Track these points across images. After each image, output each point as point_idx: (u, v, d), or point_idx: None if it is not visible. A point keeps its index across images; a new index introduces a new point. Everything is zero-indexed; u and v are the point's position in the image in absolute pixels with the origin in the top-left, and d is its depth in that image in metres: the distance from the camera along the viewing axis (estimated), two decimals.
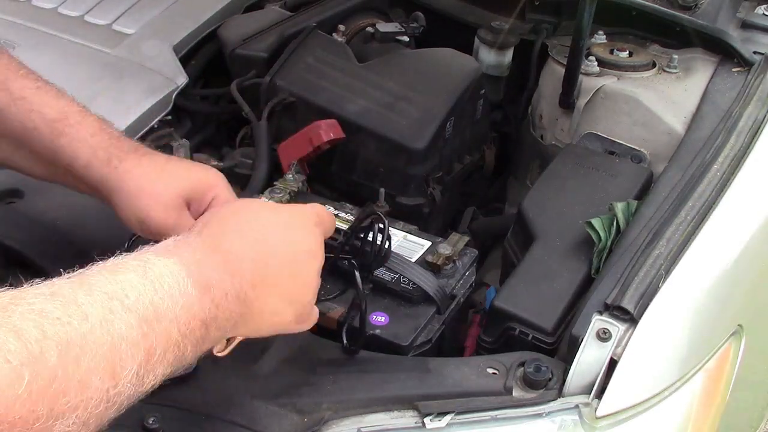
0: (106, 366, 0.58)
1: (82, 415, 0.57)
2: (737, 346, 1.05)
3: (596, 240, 1.08)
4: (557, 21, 1.66)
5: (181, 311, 0.66)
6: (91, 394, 0.57)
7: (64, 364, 0.55)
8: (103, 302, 0.61)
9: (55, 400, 0.54)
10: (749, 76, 1.37)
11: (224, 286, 0.71)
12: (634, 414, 0.88)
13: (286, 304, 0.80)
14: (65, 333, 0.56)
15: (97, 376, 0.57)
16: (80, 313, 0.58)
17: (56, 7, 1.55)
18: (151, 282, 0.65)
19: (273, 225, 0.81)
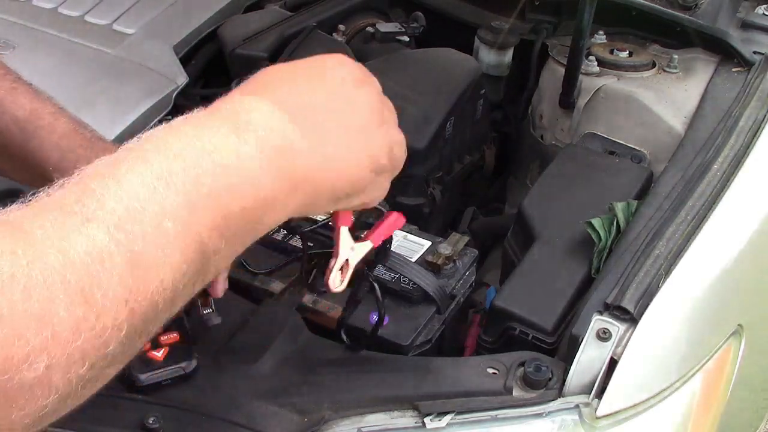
0: (71, 290, 0.50)
1: (56, 355, 0.49)
2: (737, 346, 1.05)
3: (596, 240, 1.08)
4: (557, 21, 1.66)
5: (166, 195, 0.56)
6: (59, 328, 0.49)
7: (9, 301, 0.47)
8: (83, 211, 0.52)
9: (9, 346, 0.47)
10: (749, 76, 1.37)
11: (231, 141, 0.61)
12: (634, 414, 0.88)
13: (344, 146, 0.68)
14: (7, 265, 0.48)
15: (65, 309, 0.49)
16: (27, 240, 0.50)
17: (56, 7, 1.55)
18: (115, 180, 0.55)
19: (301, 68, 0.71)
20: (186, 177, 0.57)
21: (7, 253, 0.48)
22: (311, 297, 1.06)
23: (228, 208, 0.58)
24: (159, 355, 0.87)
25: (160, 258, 0.54)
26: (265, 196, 0.61)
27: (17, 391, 0.48)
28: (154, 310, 0.55)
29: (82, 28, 1.50)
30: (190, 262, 0.56)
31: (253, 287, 1.08)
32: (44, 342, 0.48)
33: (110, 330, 0.52)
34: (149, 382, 0.85)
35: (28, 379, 0.48)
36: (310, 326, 0.99)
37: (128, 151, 0.58)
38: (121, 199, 0.54)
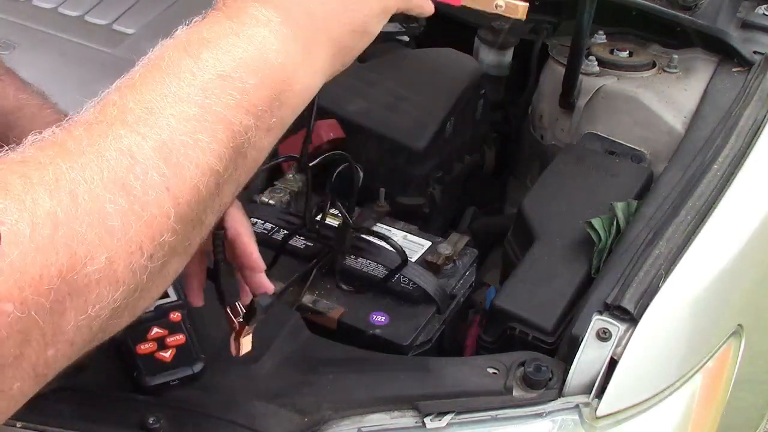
0: (113, 188, 0.53)
1: (113, 247, 0.52)
2: (737, 346, 1.05)
3: (596, 240, 1.08)
4: (557, 21, 1.66)
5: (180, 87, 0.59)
6: (110, 221, 0.52)
7: (60, 204, 0.50)
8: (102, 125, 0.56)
9: (70, 244, 0.50)
10: (749, 76, 1.36)
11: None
12: (634, 414, 0.88)
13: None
14: (51, 173, 0.51)
15: (110, 203, 0.52)
16: (64, 150, 0.53)
17: (56, 7, 1.55)
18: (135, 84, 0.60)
19: None
20: (194, 66, 0.59)
21: (47, 163, 0.51)
22: (311, 297, 1.06)
23: (244, 82, 0.60)
24: (167, 356, 0.87)
25: (189, 143, 0.56)
26: (281, 62, 0.62)
27: (86, 287, 0.51)
28: (198, 196, 0.57)
29: (82, 28, 1.50)
30: (222, 143, 0.58)
31: None
32: (99, 236, 0.51)
33: (158, 218, 0.54)
34: (158, 383, 0.85)
35: (93, 273, 0.51)
36: (310, 326, 0.99)
37: (139, 65, 0.61)
38: (139, 100, 0.57)
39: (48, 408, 0.81)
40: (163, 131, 0.56)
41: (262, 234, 1.14)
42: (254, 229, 1.15)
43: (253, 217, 1.16)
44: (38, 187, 0.50)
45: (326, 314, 1.04)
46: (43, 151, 0.53)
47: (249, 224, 0.87)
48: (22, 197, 0.49)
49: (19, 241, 0.48)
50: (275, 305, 1.03)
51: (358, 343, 0.99)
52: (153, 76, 0.59)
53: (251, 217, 1.16)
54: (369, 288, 1.08)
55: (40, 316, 0.49)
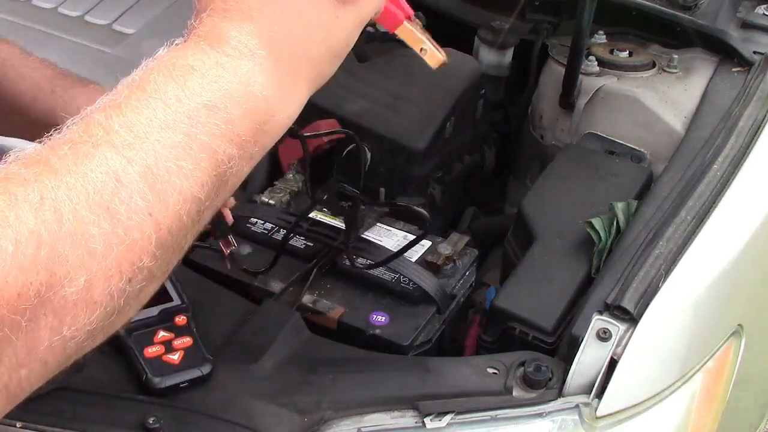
0: (98, 209, 0.53)
1: (93, 270, 0.52)
2: (737, 346, 1.05)
3: (596, 240, 1.08)
4: (557, 21, 1.66)
5: (166, 113, 0.59)
6: (93, 244, 0.52)
7: (43, 222, 0.50)
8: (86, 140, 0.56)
9: (51, 264, 0.50)
10: (749, 76, 1.36)
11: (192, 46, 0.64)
12: (634, 414, 0.88)
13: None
14: (35, 191, 0.51)
15: (94, 225, 0.53)
16: (49, 169, 0.53)
17: (56, 7, 1.55)
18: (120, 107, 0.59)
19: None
20: (181, 93, 0.59)
21: (32, 181, 0.51)
22: (311, 297, 1.06)
23: (229, 113, 0.61)
24: (175, 359, 0.87)
25: (174, 169, 0.57)
26: (264, 94, 0.63)
27: (63, 308, 0.51)
28: (179, 223, 0.58)
29: (82, 28, 1.50)
30: (205, 171, 0.59)
31: (253, 287, 1.08)
32: (81, 258, 0.51)
33: (140, 242, 0.55)
34: (167, 385, 0.85)
35: (71, 294, 0.51)
36: (310, 326, 0.99)
37: (123, 85, 0.60)
38: (125, 123, 0.57)
39: (48, 408, 0.81)
40: (149, 156, 0.56)
41: (262, 234, 1.14)
42: (254, 229, 1.15)
43: (253, 218, 1.16)
44: (23, 204, 0.50)
45: (326, 314, 1.04)
46: (28, 168, 0.53)
47: None
48: (6, 214, 0.49)
49: (1, 258, 0.48)
50: (275, 305, 1.03)
51: (358, 343, 0.99)
52: (138, 98, 0.59)
53: (251, 217, 1.16)
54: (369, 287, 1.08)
55: (14, 334, 0.49)
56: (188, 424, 0.83)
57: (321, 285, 1.09)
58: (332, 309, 1.04)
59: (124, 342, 0.88)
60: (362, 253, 1.10)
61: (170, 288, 0.95)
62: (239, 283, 1.08)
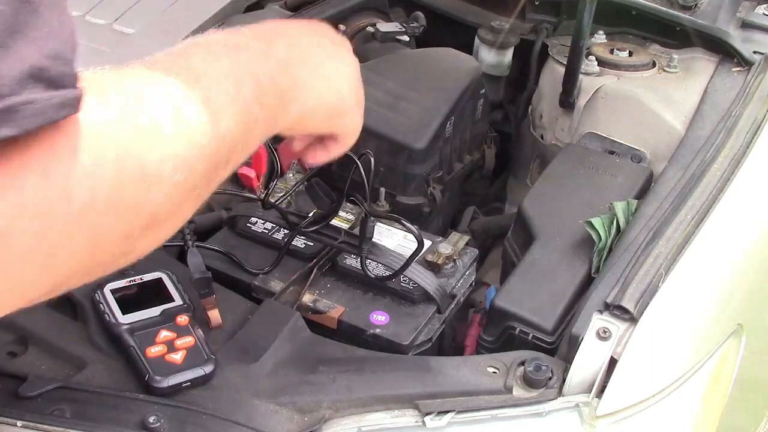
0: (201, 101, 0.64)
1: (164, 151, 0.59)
2: (737, 346, 1.05)
3: (596, 239, 1.08)
4: (557, 21, 1.66)
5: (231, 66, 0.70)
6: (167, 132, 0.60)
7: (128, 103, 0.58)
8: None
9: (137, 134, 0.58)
10: (749, 76, 1.37)
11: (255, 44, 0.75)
12: (634, 413, 0.88)
13: (334, 71, 0.83)
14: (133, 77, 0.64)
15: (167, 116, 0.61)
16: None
17: None
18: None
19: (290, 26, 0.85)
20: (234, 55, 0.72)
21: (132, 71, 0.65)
22: (311, 297, 1.06)
23: (261, 81, 0.72)
24: (178, 358, 0.87)
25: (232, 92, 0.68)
26: (281, 81, 0.75)
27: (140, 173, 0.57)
28: (246, 133, 0.69)
29: (82, 28, 1.50)
30: (251, 110, 0.70)
31: (253, 287, 1.08)
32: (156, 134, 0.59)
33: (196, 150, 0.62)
34: (170, 385, 0.85)
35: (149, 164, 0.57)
36: (310, 326, 0.99)
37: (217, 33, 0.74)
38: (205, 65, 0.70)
39: (48, 408, 0.81)
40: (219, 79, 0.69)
41: (262, 234, 1.14)
42: (254, 229, 1.15)
43: (253, 217, 1.17)
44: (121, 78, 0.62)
45: (326, 314, 1.04)
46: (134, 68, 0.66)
47: None
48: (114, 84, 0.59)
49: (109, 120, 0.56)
50: (275, 305, 1.03)
51: (358, 342, 0.99)
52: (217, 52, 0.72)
53: (251, 217, 1.16)
54: (370, 286, 1.08)
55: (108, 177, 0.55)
56: (188, 424, 0.83)
57: (321, 285, 1.09)
58: (332, 309, 1.04)
59: (126, 342, 0.89)
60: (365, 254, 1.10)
61: (172, 288, 0.95)
62: (239, 283, 1.08)
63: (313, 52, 0.82)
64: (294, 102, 0.77)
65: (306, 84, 0.79)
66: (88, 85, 0.52)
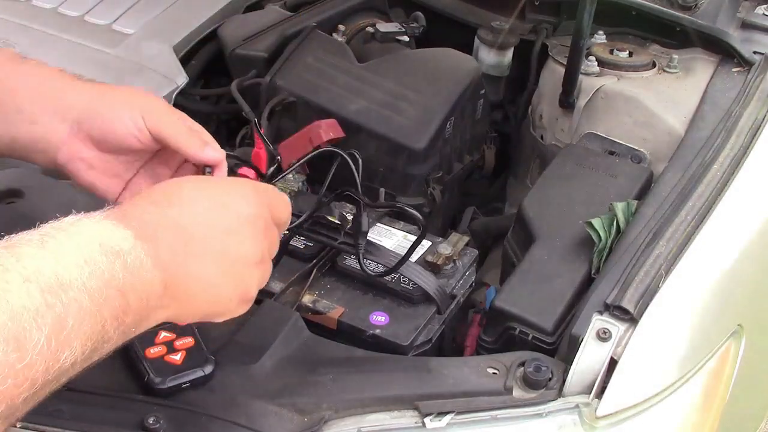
0: (8, 335, 0.55)
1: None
2: (737, 346, 1.05)
3: (596, 240, 1.08)
4: (557, 21, 1.66)
5: (90, 279, 0.62)
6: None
7: None
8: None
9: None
10: (749, 76, 1.37)
11: (136, 252, 0.67)
12: (634, 414, 0.88)
13: (219, 274, 0.74)
14: None
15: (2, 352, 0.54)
16: None
17: (56, 7, 1.55)
18: (51, 253, 0.62)
19: (202, 193, 0.77)
20: (106, 267, 0.64)
21: None
22: (311, 297, 1.06)
23: (129, 304, 0.66)
24: (177, 359, 0.87)
25: (77, 327, 0.60)
26: (153, 305, 0.69)
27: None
28: (57, 373, 0.60)
29: (82, 28, 1.50)
30: (94, 339, 0.63)
31: None
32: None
33: (28, 382, 0.56)
34: (170, 385, 0.85)
35: None
36: (310, 326, 0.99)
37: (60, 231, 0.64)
38: (55, 270, 0.60)
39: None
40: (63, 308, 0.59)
41: None
42: None
43: None
44: None
45: (326, 314, 1.04)
46: None
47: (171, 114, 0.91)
48: None
49: None
50: (275, 305, 1.03)
51: (358, 343, 0.99)
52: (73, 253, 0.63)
53: None
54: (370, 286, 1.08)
55: None
56: (188, 424, 0.83)
57: (321, 285, 1.09)
58: (332, 309, 1.04)
59: (125, 342, 0.88)
60: (364, 254, 1.10)
61: None
62: None
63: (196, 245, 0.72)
64: (156, 317, 0.71)
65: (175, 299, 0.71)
66: None
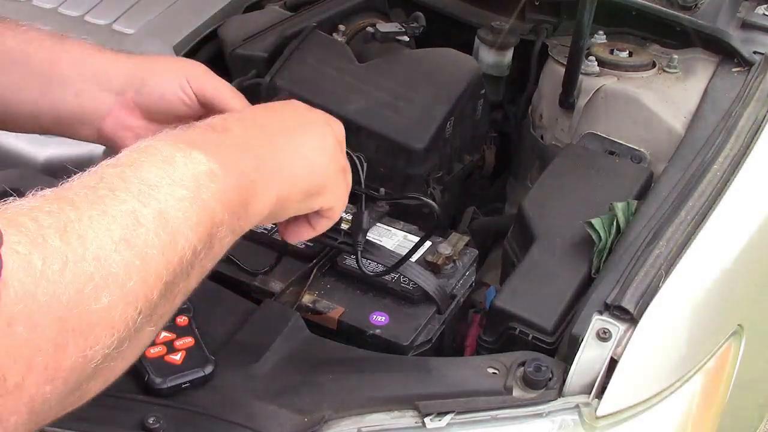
0: (117, 237, 0.57)
1: (114, 293, 0.56)
2: (737, 346, 1.05)
3: (596, 240, 1.08)
4: (557, 21, 1.66)
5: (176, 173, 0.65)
6: (114, 269, 0.56)
7: (68, 245, 0.54)
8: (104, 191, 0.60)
9: (78, 282, 0.53)
10: (749, 76, 1.37)
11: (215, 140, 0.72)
12: (634, 414, 0.88)
13: (308, 148, 0.80)
14: (60, 220, 0.55)
15: (116, 252, 0.56)
16: (70, 204, 0.57)
17: (56, 7, 1.55)
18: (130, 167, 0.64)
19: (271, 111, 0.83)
20: (186, 159, 0.66)
21: (55, 212, 0.55)
22: (311, 297, 1.06)
23: (225, 182, 0.68)
24: (177, 359, 0.87)
25: (181, 218, 0.62)
26: (252, 178, 0.72)
27: (88, 326, 0.54)
28: (182, 267, 0.62)
29: (82, 28, 1.50)
30: (205, 226, 0.65)
31: (253, 287, 1.08)
32: (105, 280, 0.55)
33: (153, 277, 0.59)
34: (170, 386, 0.85)
35: (95, 312, 0.54)
36: (310, 326, 0.99)
37: (127, 151, 0.66)
38: (138, 177, 0.62)
39: None
40: (161, 204, 0.62)
41: (262, 234, 1.14)
42: (254, 228, 1.15)
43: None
44: (48, 229, 0.53)
45: (326, 314, 1.04)
46: (50, 203, 0.56)
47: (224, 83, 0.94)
48: (34, 235, 0.52)
49: (31, 271, 0.51)
50: (275, 305, 1.03)
51: (358, 343, 0.99)
52: (149, 160, 0.65)
53: None
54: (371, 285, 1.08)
55: (43, 346, 0.51)
56: (188, 424, 0.83)
57: (321, 285, 1.09)
58: (332, 309, 1.04)
59: None
60: (364, 254, 1.10)
61: None
62: (239, 283, 1.08)
63: (275, 133, 0.78)
64: (262, 194, 0.73)
65: (272, 172, 0.75)
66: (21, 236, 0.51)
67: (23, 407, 0.51)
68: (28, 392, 0.51)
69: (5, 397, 0.49)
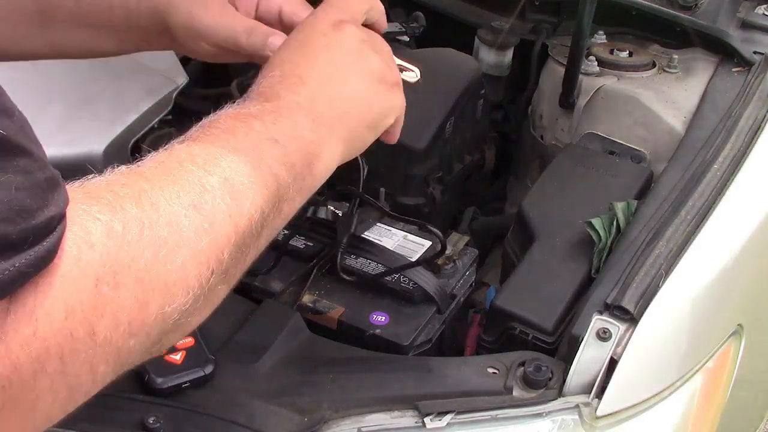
0: (187, 203, 0.61)
1: (188, 254, 0.60)
2: (737, 346, 1.05)
3: (596, 240, 1.08)
4: (557, 21, 1.66)
5: (235, 140, 0.69)
6: (185, 232, 0.60)
7: (143, 211, 0.58)
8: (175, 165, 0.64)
9: (154, 244, 0.57)
10: (749, 76, 1.36)
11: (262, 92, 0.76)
12: (634, 414, 0.88)
13: (357, 82, 0.81)
14: (134, 189, 0.59)
15: (186, 217, 0.60)
16: (142, 176, 0.61)
17: None
18: (191, 140, 0.68)
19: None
20: (248, 130, 0.70)
21: (130, 183, 0.59)
22: (311, 297, 1.06)
23: (287, 147, 0.72)
24: (177, 358, 0.87)
25: (246, 183, 0.66)
26: (312, 139, 0.75)
27: (165, 285, 0.58)
28: (250, 229, 0.66)
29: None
30: (270, 188, 0.68)
31: (253, 287, 1.08)
32: (177, 242, 0.59)
33: (222, 238, 0.63)
34: (170, 385, 0.85)
35: (171, 273, 0.58)
36: (310, 326, 0.99)
37: (196, 127, 0.71)
38: (203, 149, 0.67)
39: None
40: (226, 172, 0.66)
41: None
42: None
43: None
44: (125, 198, 0.58)
45: (326, 314, 1.04)
46: (124, 176, 0.61)
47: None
48: (113, 205, 0.57)
49: (113, 235, 0.55)
50: (275, 305, 1.03)
51: (358, 343, 0.99)
52: (212, 133, 0.69)
53: None
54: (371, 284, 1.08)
55: (127, 304, 0.55)
56: (188, 424, 0.83)
57: (321, 285, 1.09)
58: (332, 309, 1.05)
59: None
60: (362, 252, 1.10)
61: None
62: (239, 283, 1.08)
63: (322, 82, 0.78)
64: (327, 149, 0.76)
65: (331, 125, 0.77)
66: (101, 206, 0.55)
67: (111, 358, 0.55)
68: (116, 345, 0.55)
69: (95, 349, 0.54)
